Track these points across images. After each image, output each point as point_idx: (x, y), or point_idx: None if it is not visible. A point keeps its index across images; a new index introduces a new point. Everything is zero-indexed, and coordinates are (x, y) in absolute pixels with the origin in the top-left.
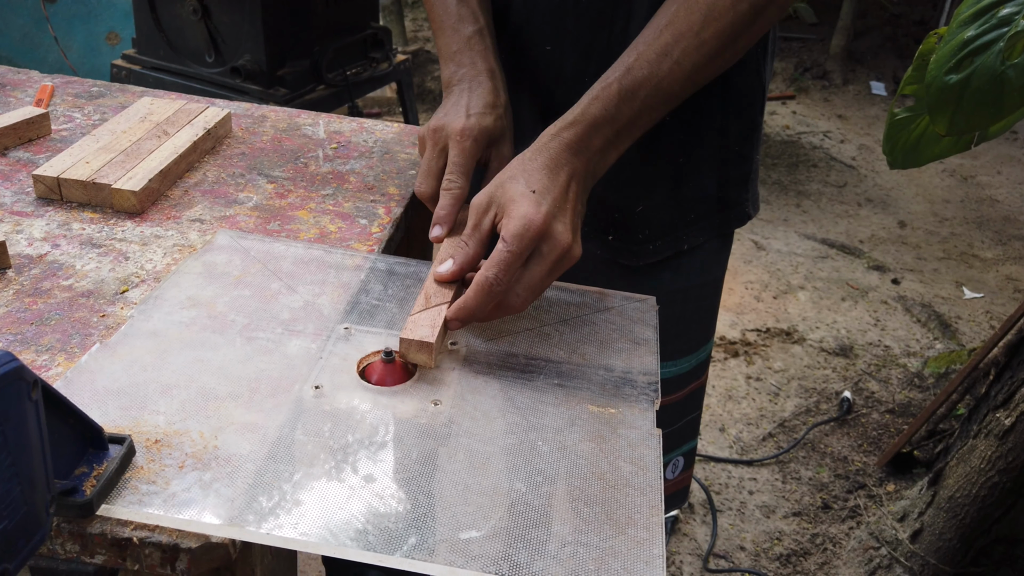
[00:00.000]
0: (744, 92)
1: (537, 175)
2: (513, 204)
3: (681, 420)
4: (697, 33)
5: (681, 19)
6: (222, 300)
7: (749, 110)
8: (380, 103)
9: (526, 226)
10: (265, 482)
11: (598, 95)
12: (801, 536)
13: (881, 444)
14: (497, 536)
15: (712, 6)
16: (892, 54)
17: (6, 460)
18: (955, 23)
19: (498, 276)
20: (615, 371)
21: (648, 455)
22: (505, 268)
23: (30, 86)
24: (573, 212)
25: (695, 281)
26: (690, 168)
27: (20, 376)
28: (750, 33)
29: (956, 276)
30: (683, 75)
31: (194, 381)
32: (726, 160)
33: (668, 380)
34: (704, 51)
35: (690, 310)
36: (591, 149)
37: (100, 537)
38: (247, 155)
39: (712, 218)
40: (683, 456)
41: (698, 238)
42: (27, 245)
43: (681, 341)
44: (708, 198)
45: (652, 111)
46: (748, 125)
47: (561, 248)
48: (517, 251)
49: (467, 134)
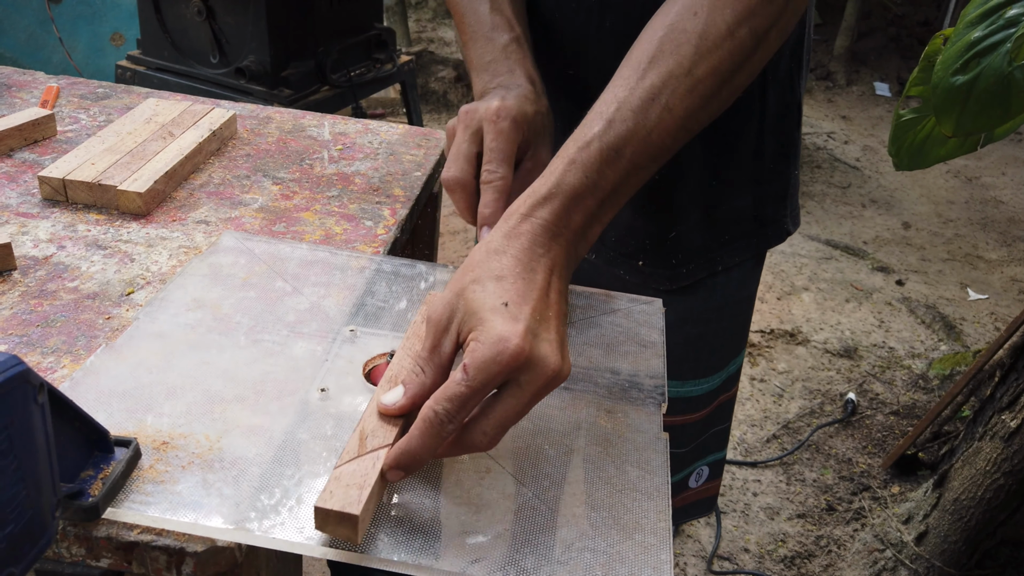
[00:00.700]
0: (779, 109)
1: (509, 278)
2: (482, 324)
3: (707, 432)
4: (689, 71)
5: (668, 53)
6: (228, 302)
7: (785, 126)
8: (384, 104)
9: (497, 355)
10: (271, 485)
11: (575, 158)
12: (805, 538)
13: (886, 446)
14: (503, 540)
15: (704, 35)
16: (896, 55)
17: (12, 464)
18: (962, 24)
19: (448, 412)
20: (621, 374)
21: (655, 459)
22: (459, 404)
23: (35, 87)
24: (557, 319)
25: (730, 299)
26: (723, 190)
27: (26, 379)
28: (751, 64)
29: (961, 277)
30: (675, 124)
31: (200, 383)
32: (760, 179)
33: (697, 398)
34: (698, 92)
35: (723, 327)
36: (571, 228)
37: (106, 540)
38: (252, 156)
39: (749, 238)
40: (708, 466)
41: (734, 258)
42: (32, 246)
43: (714, 358)
44: (744, 218)
45: (640, 171)
46: (784, 142)
47: (546, 376)
48: (478, 386)
49: (503, 114)
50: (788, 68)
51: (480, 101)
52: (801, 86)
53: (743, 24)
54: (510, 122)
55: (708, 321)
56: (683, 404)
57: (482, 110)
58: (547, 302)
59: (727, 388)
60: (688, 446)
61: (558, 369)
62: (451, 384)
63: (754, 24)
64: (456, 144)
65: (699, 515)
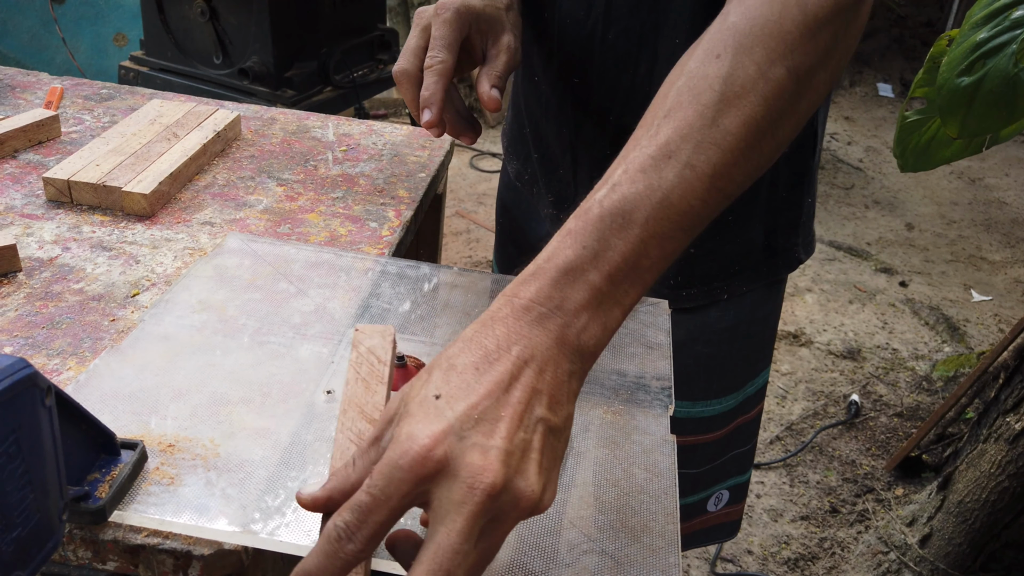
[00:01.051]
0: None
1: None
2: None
3: (726, 455)
4: (713, 122)
5: (685, 104)
6: (233, 304)
7: (800, 156)
8: (386, 104)
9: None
10: (277, 488)
11: (572, 228)
12: (809, 540)
13: (889, 448)
14: (509, 543)
15: (730, 79)
16: (899, 56)
17: (20, 467)
18: (967, 25)
19: (349, 526)
20: (628, 376)
21: (662, 461)
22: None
23: (40, 88)
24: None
25: (743, 319)
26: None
27: (34, 383)
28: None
29: (964, 279)
30: (701, 184)
31: (206, 386)
32: (773, 208)
33: (711, 418)
34: (727, 145)
35: (737, 348)
36: (566, 310)
37: (112, 543)
38: (256, 158)
39: (758, 268)
40: (728, 490)
41: (740, 287)
42: (37, 248)
43: (727, 379)
44: (754, 249)
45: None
46: (799, 171)
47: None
48: (379, 495)
49: (448, 6)
50: None
51: None
52: (820, 115)
53: (777, 64)
54: (452, 12)
55: (720, 342)
56: (694, 424)
57: (430, 9)
58: (501, 401)
59: (746, 410)
60: (704, 467)
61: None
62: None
63: (793, 63)
64: (407, 41)
65: (722, 539)
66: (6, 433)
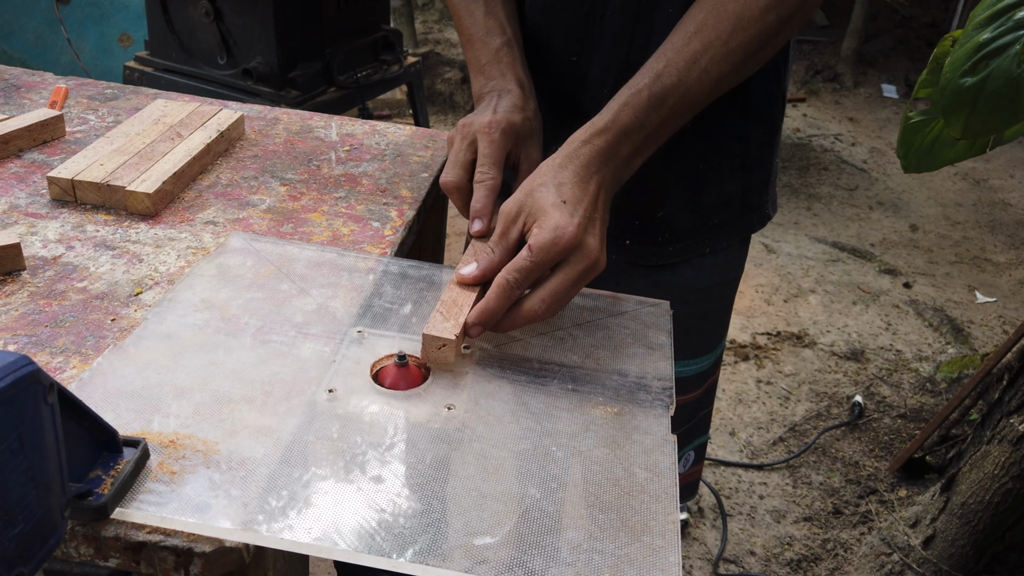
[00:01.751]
0: (764, 98)
1: (568, 185)
2: (544, 215)
3: (695, 417)
4: (725, 42)
5: (710, 27)
6: (236, 303)
7: (769, 115)
8: (390, 105)
9: (556, 239)
10: (278, 486)
11: (628, 101)
12: (812, 541)
13: (893, 449)
14: (510, 542)
15: (741, 16)
16: (904, 56)
17: (22, 464)
18: (971, 25)
19: (517, 280)
20: (629, 376)
21: (663, 461)
22: (525, 275)
23: (44, 88)
24: (601, 223)
25: (717, 279)
26: (711, 174)
27: (36, 380)
28: (775, 42)
29: (968, 280)
30: (710, 83)
31: (208, 384)
32: (748, 166)
33: (688, 379)
34: (731, 60)
35: (712, 308)
36: (619, 157)
37: (114, 540)
38: (260, 157)
39: (736, 223)
40: (694, 451)
41: (721, 242)
42: (41, 247)
43: (703, 339)
44: (731, 203)
45: (677, 118)
46: (769, 130)
47: (589, 260)
48: (540, 261)
49: (495, 126)
50: (775, 59)
51: (475, 114)
52: (786, 77)
53: (773, 9)
54: (500, 133)
55: (697, 301)
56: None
57: (476, 124)
58: (595, 207)
59: (714, 371)
60: (679, 429)
61: (598, 257)
62: (518, 259)
63: (782, 11)
64: (454, 153)
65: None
66: (8, 430)
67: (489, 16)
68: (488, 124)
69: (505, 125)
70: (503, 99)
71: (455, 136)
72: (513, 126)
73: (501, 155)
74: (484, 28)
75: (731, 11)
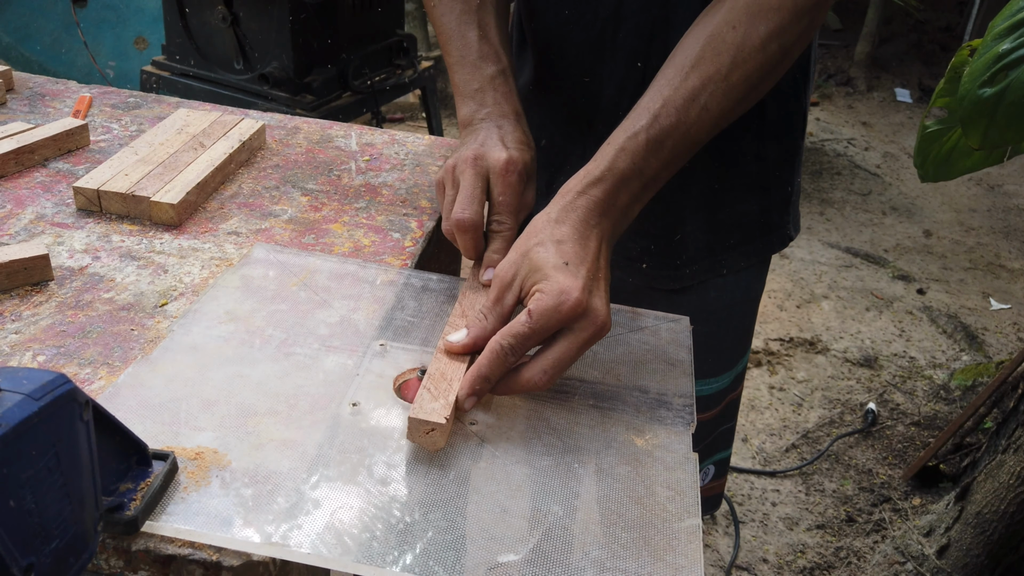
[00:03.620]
0: (782, 118)
1: (568, 243)
2: (545, 279)
3: (715, 432)
4: (725, 76)
5: (708, 60)
6: (260, 315)
7: (789, 135)
8: (403, 108)
9: (559, 304)
10: (304, 500)
11: (624, 146)
12: (825, 549)
13: (907, 457)
14: (532, 559)
15: (741, 46)
16: (917, 61)
17: (59, 480)
18: (989, 36)
19: (512, 346)
20: (650, 393)
21: (685, 480)
22: (521, 341)
23: (68, 96)
24: (605, 281)
25: (738, 299)
26: (726, 194)
27: (73, 398)
28: (777, 73)
29: (983, 286)
30: (711, 121)
31: (234, 397)
32: (767, 185)
33: (709, 396)
34: (733, 96)
35: (733, 326)
36: (618, 207)
37: (144, 553)
38: (281, 167)
39: (755, 243)
40: (714, 465)
41: (739, 262)
42: (68, 257)
43: (724, 357)
44: (750, 223)
45: (677, 161)
46: (788, 149)
47: (596, 326)
48: (540, 328)
49: (512, 168)
50: (792, 78)
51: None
52: (806, 96)
53: (774, 39)
54: (517, 176)
55: (718, 321)
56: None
57: (490, 159)
58: (598, 265)
59: (735, 387)
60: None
61: (605, 321)
62: (516, 324)
63: (784, 40)
64: (468, 186)
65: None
66: (46, 447)
67: (484, 41)
68: (506, 164)
69: (522, 167)
70: (505, 131)
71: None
72: (527, 167)
73: (517, 202)
74: (478, 52)
75: (730, 42)
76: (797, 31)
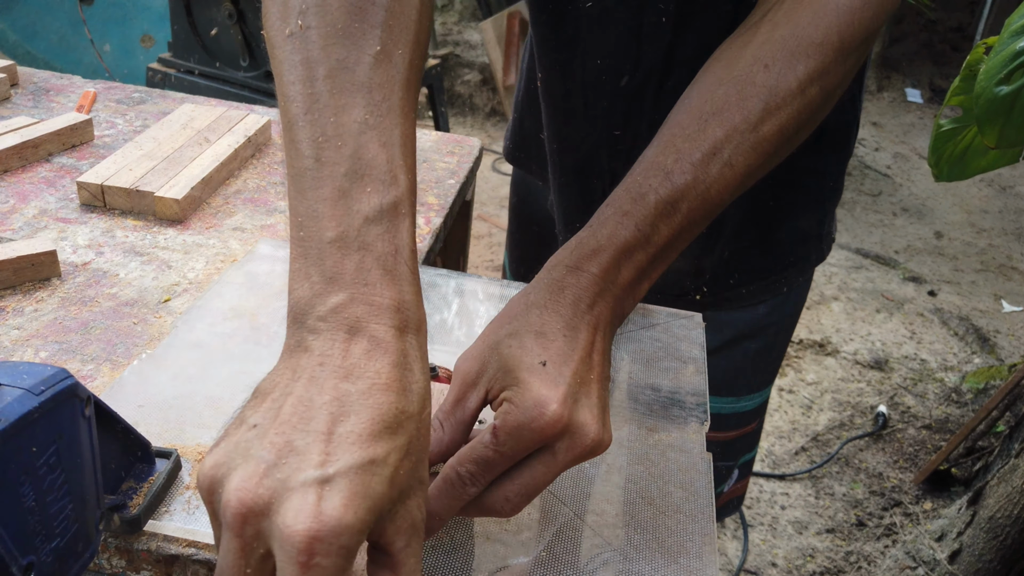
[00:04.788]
0: (840, 128)
1: (550, 335)
2: (516, 384)
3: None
4: (755, 127)
5: (733, 106)
6: (264, 311)
7: (844, 143)
8: None
9: (532, 421)
10: None
11: (628, 210)
12: (835, 553)
13: (918, 460)
14: (544, 561)
15: (774, 90)
16: (928, 60)
17: (60, 478)
18: (1006, 33)
19: (472, 475)
20: (662, 391)
21: (698, 480)
22: (484, 468)
23: (72, 91)
24: (599, 383)
25: (788, 311)
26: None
27: (74, 393)
28: (814, 123)
29: (994, 289)
30: (735, 180)
31: (238, 394)
32: (823, 198)
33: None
34: (761, 150)
35: (780, 341)
36: (619, 285)
37: (146, 553)
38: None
39: (810, 255)
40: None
41: (798, 278)
42: (72, 252)
43: (768, 373)
44: (810, 237)
45: (693, 228)
46: (843, 158)
47: (583, 447)
48: (508, 452)
49: None
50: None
51: None
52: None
53: (815, 82)
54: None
55: (767, 336)
56: (737, 419)
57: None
58: (589, 364)
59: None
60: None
61: (598, 440)
62: (478, 446)
63: (825, 83)
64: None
65: (727, 515)
66: (47, 444)
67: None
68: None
69: None
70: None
71: None
72: None
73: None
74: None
75: (761, 84)
76: (842, 72)
